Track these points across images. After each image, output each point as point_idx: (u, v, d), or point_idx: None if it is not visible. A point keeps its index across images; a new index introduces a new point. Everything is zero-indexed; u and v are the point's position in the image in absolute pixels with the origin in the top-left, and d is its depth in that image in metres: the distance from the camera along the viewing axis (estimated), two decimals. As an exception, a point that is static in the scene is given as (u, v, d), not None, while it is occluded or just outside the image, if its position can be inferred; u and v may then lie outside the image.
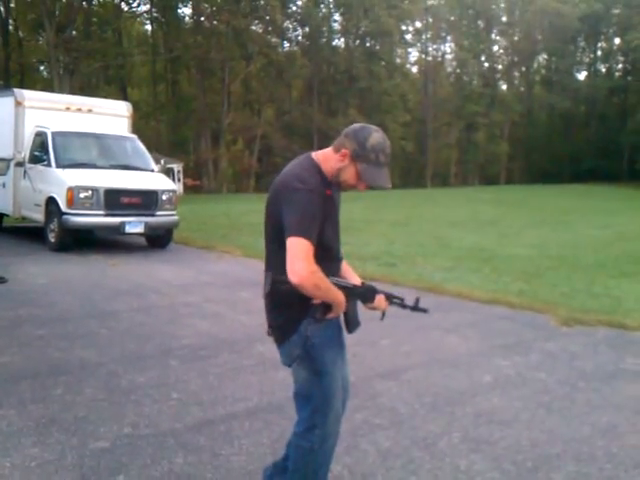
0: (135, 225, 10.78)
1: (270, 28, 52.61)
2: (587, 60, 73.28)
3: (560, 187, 45.75)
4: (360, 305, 2.63)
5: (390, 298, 2.69)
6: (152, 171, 11.99)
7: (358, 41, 59.69)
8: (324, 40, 57.85)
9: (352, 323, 2.61)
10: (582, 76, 73.32)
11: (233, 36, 47.52)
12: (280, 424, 3.75)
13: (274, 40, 54.94)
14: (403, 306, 2.72)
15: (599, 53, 72.29)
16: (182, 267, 9.77)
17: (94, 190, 10.50)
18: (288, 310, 2.48)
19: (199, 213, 19.94)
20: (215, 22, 48.51)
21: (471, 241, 13.87)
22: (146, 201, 10.99)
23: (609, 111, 67.90)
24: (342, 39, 60.67)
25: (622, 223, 20.09)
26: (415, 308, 2.74)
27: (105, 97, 19.00)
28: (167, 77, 55.99)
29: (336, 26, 59.40)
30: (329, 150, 2.52)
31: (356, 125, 2.51)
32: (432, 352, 5.43)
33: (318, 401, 2.52)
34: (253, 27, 50.95)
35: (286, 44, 58.43)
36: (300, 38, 58.96)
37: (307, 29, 56.70)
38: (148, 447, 3.42)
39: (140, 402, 4.08)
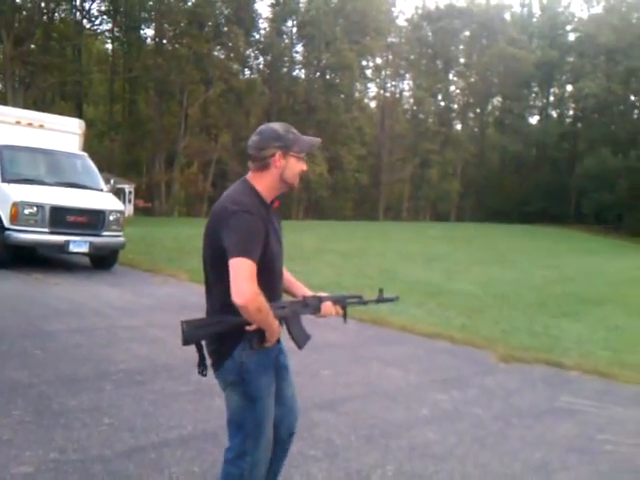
0: (80, 244, 10.57)
1: (232, 55, 52.86)
2: (540, 105, 75.60)
3: (509, 227, 46.77)
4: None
5: (342, 301, 2.70)
6: (101, 190, 11.80)
7: (318, 73, 60.40)
8: (285, 70, 58.41)
9: (300, 338, 2.60)
10: (534, 120, 75.64)
11: (194, 60, 47.55)
12: (213, 453, 3.69)
13: (235, 67, 55.18)
14: (364, 303, 2.76)
15: (551, 99, 74.69)
16: (125, 289, 9.60)
17: (39, 207, 10.28)
18: (221, 336, 2.46)
19: (148, 236, 19.68)
20: (177, 45, 48.51)
21: (418, 275, 14.03)
22: (92, 220, 10.80)
23: (559, 155, 69.98)
24: (303, 70, 61.29)
25: (566, 264, 20.63)
26: (380, 300, 2.78)
27: (60, 113, 18.71)
28: (125, 97, 55.59)
29: (297, 57, 60.08)
30: (255, 174, 2.50)
31: (255, 135, 2.51)
32: (372, 384, 5.43)
33: (250, 427, 2.51)
34: (215, 52, 51.16)
35: (247, 71, 58.79)
36: (261, 66, 59.40)
37: (269, 58, 57.16)
38: (74, 473, 3.32)
39: (70, 426, 3.96)
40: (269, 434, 2.58)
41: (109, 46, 56.00)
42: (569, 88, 70.53)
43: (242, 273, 2.27)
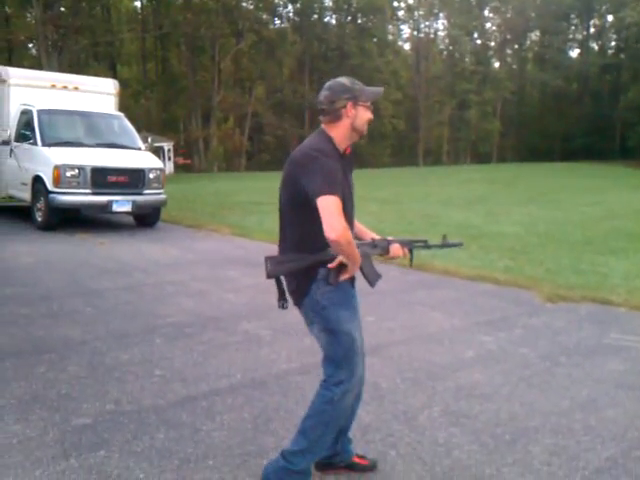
0: (122, 204, 10.75)
1: (260, 4, 52.15)
2: (580, 38, 73.04)
3: (551, 165, 45.83)
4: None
5: (409, 244, 2.84)
6: (139, 149, 11.92)
7: (350, 18, 59.28)
8: (315, 17, 57.43)
9: (372, 277, 2.73)
10: (575, 54, 73.25)
11: (223, 13, 47.07)
12: (262, 400, 3.78)
13: (265, 17, 54.49)
14: (429, 247, 2.92)
15: (592, 30, 72.05)
16: (169, 246, 9.76)
17: (81, 169, 10.44)
18: (297, 276, 2.64)
19: (188, 192, 19.89)
20: (205, -2, 48.00)
21: (460, 219, 13.90)
22: (133, 179, 10.94)
23: (601, 89, 67.83)
24: (334, 16, 60.20)
25: (611, 201, 20.15)
26: (445, 245, 2.94)
27: (94, 75, 18.78)
28: (157, 54, 55.55)
29: (327, 2, 58.92)
30: (329, 125, 2.66)
31: (324, 89, 2.68)
32: (416, 328, 5.45)
33: (341, 358, 2.66)
34: (243, 3, 50.52)
35: (277, 21, 58.03)
36: (291, 15, 58.55)
37: (298, 5, 56.21)
38: (130, 423, 3.44)
39: (123, 379, 4.09)
40: (360, 366, 2.73)
41: (137, 4, 55.77)
42: (610, 18, 67.84)
43: (331, 209, 2.41)
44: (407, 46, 71.16)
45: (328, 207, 2.41)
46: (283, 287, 2.71)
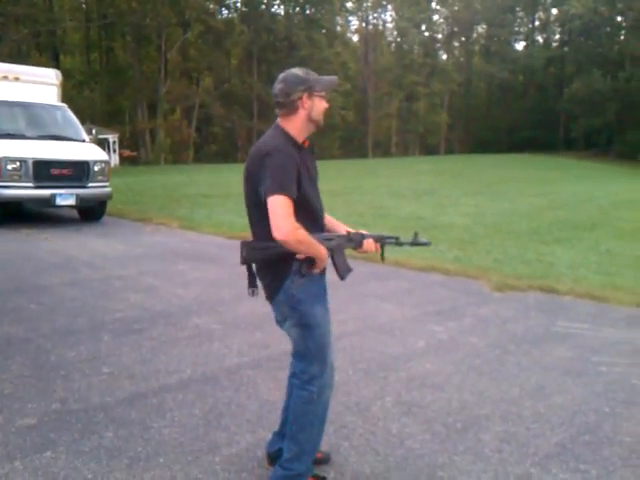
0: (66, 197, 10.48)
1: (208, -6, 51.50)
2: (525, 30, 74.40)
3: (498, 157, 46.68)
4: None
5: (382, 239, 2.85)
6: (83, 141, 11.63)
7: (298, 8, 59.07)
8: (263, 7, 56.98)
9: (343, 270, 2.73)
10: (520, 46, 74.56)
11: (169, 2, 46.28)
12: (213, 395, 3.73)
13: (212, 6, 53.88)
14: (400, 244, 2.90)
15: (537, 23, 73.48)
16: (116, 240, 9.56)
17: (22, 161, 10.13)
18: (272, 269, 2.62)
19: (135, 185, 19.54)
20: (151, -13, 47.09)
21: (409, 210, 14.02)
22: (77, 172, 10.67)
23: (546, 81, 69.28)
24: (281, 6, 59.87)
25: (556, 191, 20.66)
26: (415, 243, 2.92)
27: (37, 65, 18.20)
28: (101, 44, 54.31)
29: (275, -8, 58.56)
30: (285, 118, 2.63)
31: (278, 81, 2.63)
32: (367, 320, 5.47)
33: (314, 353, 2.66)
34: (190, -7, 49.74)
35: (224, 11, 57.39)
36: (238, 5, 57.98)
37: (245, -5, 55.71)
38: (77, 422, 3.35)
39: (70, 377, 3.98)
40: (332, 359, 2.76)
41: (81, -8, 54.31)
42: (554, 12, 69.31)
43: (278, 210, 2.41)
44: (356, 38, 71.41)
45: (275, 207, 2.41)
46: (254, 273, 2.68)
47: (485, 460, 3.04)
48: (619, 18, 62.85)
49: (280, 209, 2.40)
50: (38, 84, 12.31)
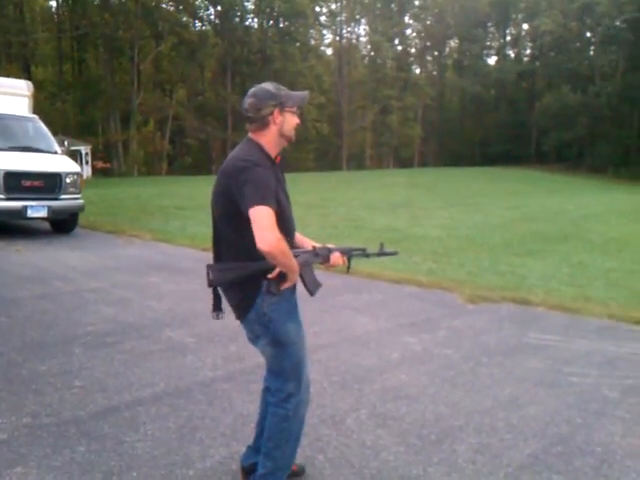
0: (38, 209, 10.35)
1: (181, 7, 51.45)
2: (497, 45, 75.42)
3: (471, 170, 47.11)
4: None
5: (349, 252, 2.84)
6: (55, 153, 11.51)
7: (272, 21, 59.22)
8: (237, 19, 57.01)
9: (312, 286, 2.72)
10: (492, 61, 75.54)
11: (143, 14, 46.16)
12: (187, 408, 3.70)
13: (185, 19, 53.79)
14: (367, 255, 2.91)
15: (508, 38, 74.56)
16: (88, 252, 9.46)
17: (-7, 173, 10.00)
18: (242, 289, 2.58)
19: (108, 197, 19.37)
20: (124, -1, 47.01)
21: (383, 223, 14.09)
22: (49, 184, 10.56)
23: (518, 95, 70.27)
24: (255, 19, 59.98)
25: (529, 204, 20.92)
26: (381, 253, 2.93)
27: (7, 76, 17.99)
28: (73, 56, 53.90)
29: (249, 5, 58.63)
30: (256, 133, 2.60)
31: (249, 96, 2.61)
32: (342, 332, 5.47)
33: (289, 371, 2.65)
34: (164, 5, 49.72)
35: (197, 23, 57.32)
36: (212, 17, 57.92)
37: (219, 8, 55.62)
38: (49, 437, 3.30)
39: (41, 391, 3.93)
40: (307, 375, 2.76)
41: (53, 3, 54.01)
42: (525, 27, 70.44)
43: (263, 221, 2.36)
44: (330, 51, 71.77)
45: (260, 218, 2.36)
46: (220, 296, 2.66)
47: (459, 471, 3.06)
48: (588, 34, 64.07)
49: (265, 220, 2.36)
50: (9, 95, 12.16)
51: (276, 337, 2.60)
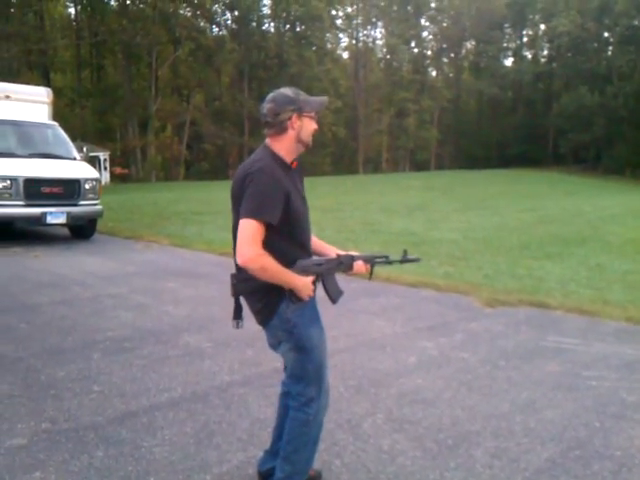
0: (57, 215, 10.46)
1: (198, 12, 51.76)
2: (513, 46, 75.04)
3: (488, 172, 46.89)
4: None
5: (372, 260, 2.83)
6: (74, 159, 11.63)
7: (288, 26, 59.42)
8: (254, 24, 57.25)
9: (334, 294, 2.71)
10: (509, 62, 75.18)
11: (160, 20, 46.51)
12: (205, 413, 3.72)
13: (203, 24, 54.11)
14: (389, 262, 2.90)
15: (525, 39, 74.17)
16: (107, 258, 9.54)
17: (13, 180, 10.12)
18: (265, 295, 2.56)
19: (126, 202, 19.53)
20: (141, 5, 47.39)
21: (400, 226, 14.06)
22: (68, 190, 10.67)
23: (535, 96, 69.88)
24: (272, 24, 60.21)
25: (546, 206, 20.77)
26: (404, 260, 2.91)
27: (27, 83, 18.20)
28: (92, 62, 54.44)
29: (266, 10, 58.89)
30: (273, 138, 2.60)
31: (267, 101, 2.60)
32: (359, 336, 5.48)
33: (312, 375, 2.65)
34: (181, 11, 50.04)
35: (215, 28, 57.64)
36: (229, 22, 58.25)
37: (236, 13, 55.96)
38: (67, 442, 3.33)
39: (60, 396, 3.97)
40: (328, 380, 2.75)
41: (72, 10, 54.55)
42: (542, 27, 70.00)
43: (243, 234, 2.40)
44: (346, 55, 71.82)
45: (242, 232, 2.40)
46: (241, 305, 2.64)
47: (476, 476, 3.04)
48: (606, 34, 63.54)
49: (245, 234, 2.39)
50: (29, 102, 12.31)
51: (300, 342, 2.61)
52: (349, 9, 65.22)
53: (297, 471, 2.70)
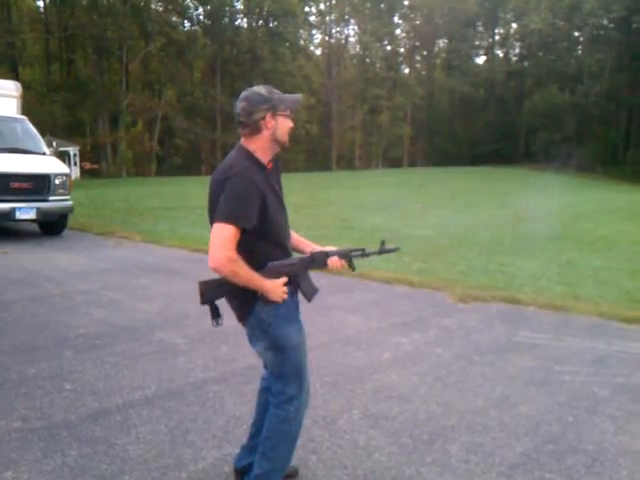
0: (26, 211, 10.30)
1: (170, 7, 51.28)
2: (485, 45, 75.60)
3: (460, 169, 47.23)
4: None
5: (347, 254, 2.79)
6: (44, 154, 11.44)
7: (261, 21, 59.14)
8: (226, 20, 56.84)
9: (309, 292, 2.68)
10: (481, 60, 75.76)
11: (131, 14, 45.97)
12: (179, 411, 3.69)
13: (174, 19, 53.59)
14: (367, 255, 2.86)
15: (497, 38, 74.77)
16: (78, 254, 9.41)
17: (-19, 174, 9.93)
18: (241, 295, 2.54)
19: (97, 198, 19.30)
20: (112, -1, 46.78)
21: (374, 223, 14.09)
22: (37, 185, 10.50)
23: (507, 94, 70.50)
24: (245, 19, 59.85)
25: (518, 203, 20.97)
26: (382, 251, 2.90)
27: (-7, 76, 17.89)
28: (62, 56, 53.55)
29: (238, 5, 58.46)
30: (248, 138, 2.56)
31: (241, 100, 2.55)
32: (333, 332, 5.47)
33: (291, 374, 2.63)
34: (152, 5, 49.53)
35: (187, 23, 57.09)
36: (201, 17, 57.71)
37: (209, 8, 55.45)
38: (39, 441, 3.28)
39: (31, 394, 3.90)
40: (308, 378, 2.73)
41: (40, 3, 53.62)
42: (514, 26, 70.63)
43: (215, 238, 2.37)
44: (319, 51, 71.71)
45: (214, 236, 2.38)
46: (217, 306, 2.62)
47: (452, 471, 3.06)
48: (576, 33, 64.29)
49: (218, 238, 2.37)
50: (-4, 96, 12.09)
51: (276, 342, 2.59)
52: (322, 6, 65.13)
53: (275, 468, 2.68)
